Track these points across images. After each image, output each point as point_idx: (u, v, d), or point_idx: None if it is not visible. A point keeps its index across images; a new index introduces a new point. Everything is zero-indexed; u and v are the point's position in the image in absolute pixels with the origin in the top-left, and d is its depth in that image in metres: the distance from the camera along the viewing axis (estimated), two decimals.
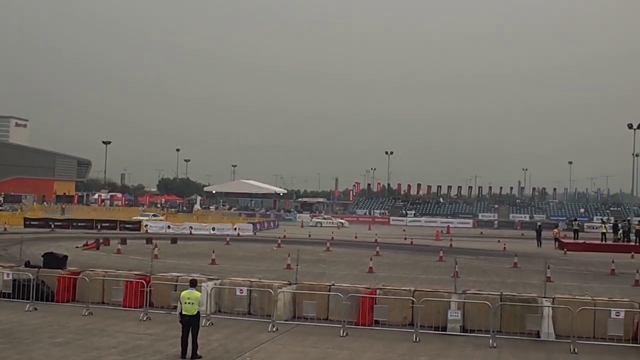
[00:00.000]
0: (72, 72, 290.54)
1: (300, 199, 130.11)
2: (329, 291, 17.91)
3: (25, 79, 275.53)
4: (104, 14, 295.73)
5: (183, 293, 13.94)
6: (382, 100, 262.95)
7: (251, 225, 62.88)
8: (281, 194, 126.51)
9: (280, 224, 76.06)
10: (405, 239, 54.40)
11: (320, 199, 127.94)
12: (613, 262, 33.13)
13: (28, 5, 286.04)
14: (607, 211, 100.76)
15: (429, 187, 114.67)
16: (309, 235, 55.33)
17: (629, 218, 70.79)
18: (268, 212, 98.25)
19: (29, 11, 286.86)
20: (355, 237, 54.51)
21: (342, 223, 79.56)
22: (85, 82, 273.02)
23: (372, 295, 17.56)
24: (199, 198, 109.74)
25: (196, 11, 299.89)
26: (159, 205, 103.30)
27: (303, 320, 17.58)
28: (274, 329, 16.26)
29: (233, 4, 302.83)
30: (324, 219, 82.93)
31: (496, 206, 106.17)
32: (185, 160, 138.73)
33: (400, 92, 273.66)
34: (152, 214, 71.01)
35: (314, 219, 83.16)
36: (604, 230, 53.46)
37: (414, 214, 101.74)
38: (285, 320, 17.31)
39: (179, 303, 13.95)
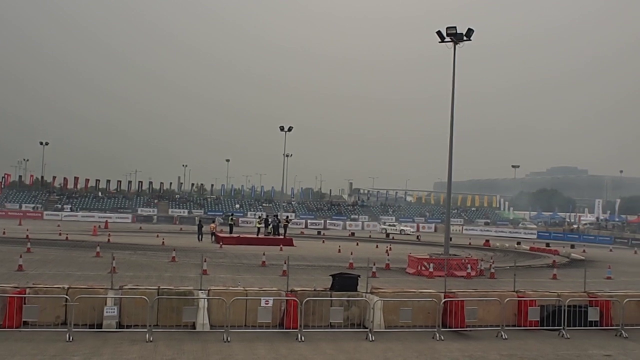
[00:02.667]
0: None
1: None
2: None
3: None
4: None
5: None
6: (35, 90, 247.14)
7: None
8: None
9: None
10: (60, 234, 51.99)
11: None
12: (264, 254, 35.39)
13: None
14: (260, 207, 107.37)
15: (87, 181, 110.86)
16: None
17: (278, 213, 76.15)
18: None
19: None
20: (4, 233, 50.46)
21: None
22: None
23: (21, 295, 16.33)
24: None
25: None
26: None
27: None
28: None
29: None
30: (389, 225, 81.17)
31: (156, 201, 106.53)
32: None
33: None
34: None
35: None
36: (259, 225, 57.03)
37: (71, 208, 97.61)
38: None
39: None
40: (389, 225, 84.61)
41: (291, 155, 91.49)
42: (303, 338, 15.86)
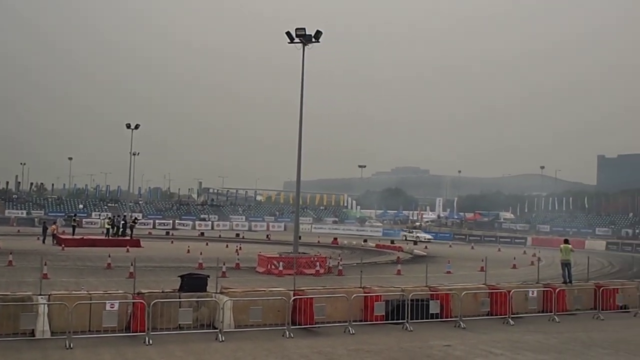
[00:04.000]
0: None
1: None
2: None
3: None
4: None
5: None
6: None
7: None
8: None
9: None
10: None
11: None
12: (110, 256, 34.28)
13: None
14: (106, 207, 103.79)
15: None
16: None
17: (124, 214, 73.97)
18: None
19: None
20: None
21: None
22: None
23: None
24: None
25: None
26: None
27: None
28: None
29: None
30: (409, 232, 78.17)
31: None
32: None
33: None
34: None
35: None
36: (108, 226, 55.53)
37: None
38: None
39: None
40: (408, 232, 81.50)
41: (138, 153, 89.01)
42: (151, 341, 15.46)
